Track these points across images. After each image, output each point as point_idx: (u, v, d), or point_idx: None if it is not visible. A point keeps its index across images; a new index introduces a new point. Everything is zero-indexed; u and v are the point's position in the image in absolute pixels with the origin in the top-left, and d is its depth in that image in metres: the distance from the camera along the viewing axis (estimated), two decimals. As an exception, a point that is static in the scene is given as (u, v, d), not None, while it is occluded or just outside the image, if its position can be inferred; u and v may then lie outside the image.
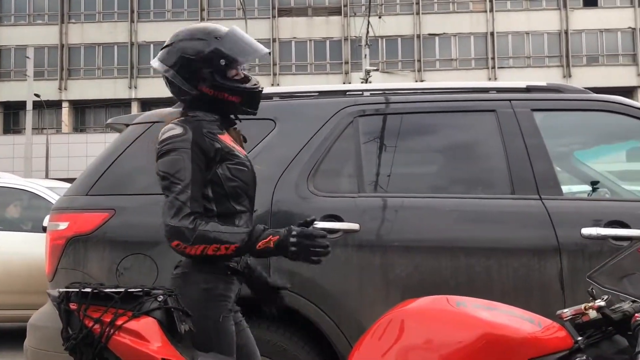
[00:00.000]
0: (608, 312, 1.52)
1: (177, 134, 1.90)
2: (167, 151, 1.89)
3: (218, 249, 1.79)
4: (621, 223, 2.50)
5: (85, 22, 32.29)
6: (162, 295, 1.77)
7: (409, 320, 1.61)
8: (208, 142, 1.91)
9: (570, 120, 2.98)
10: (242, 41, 2.01)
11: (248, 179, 1.99)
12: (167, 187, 1.86)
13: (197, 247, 1.79)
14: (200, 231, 1.80)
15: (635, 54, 30.46)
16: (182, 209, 1.82)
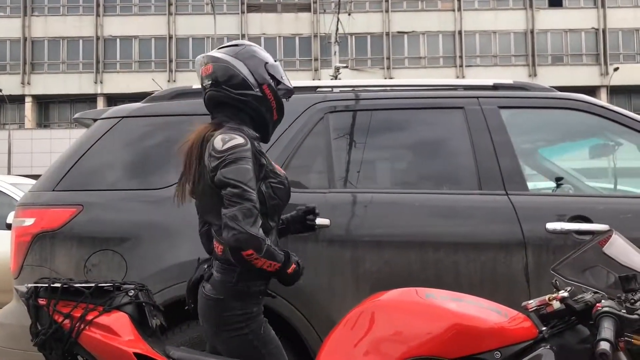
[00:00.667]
0: (571, 303, 1.57)
1: (241, 143, 1.93)
2: (235, 159, 1.90)
3: (270, 266, 1.88)
4: (584, 218, 2.58)
5: (49, 15, 31.60)
6: (133, 290, 1.76)
7: (379, 313, 1.64)
8: (258, 155, 1.97)
9: (536, 117, 3.04)
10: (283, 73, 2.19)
11: (285, 197, 2.06)
12: (239, 195, 1.85)
13: (264, 260, 1.86)
14: (269, 245, 1.87)
15: (599, 54, 31.16)
16: (258, 219, 1.86)
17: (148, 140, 2.86)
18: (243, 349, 1.92)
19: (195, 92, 3.00)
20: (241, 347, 1.92)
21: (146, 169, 2.79)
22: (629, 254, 1.67)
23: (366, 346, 1.59)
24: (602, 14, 31.09)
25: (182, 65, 31.34)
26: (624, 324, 1.48)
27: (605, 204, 2.74)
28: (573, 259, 1.72)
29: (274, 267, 1.88)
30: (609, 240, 1.69)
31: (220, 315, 1.94)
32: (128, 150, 2.84)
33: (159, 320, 1.84)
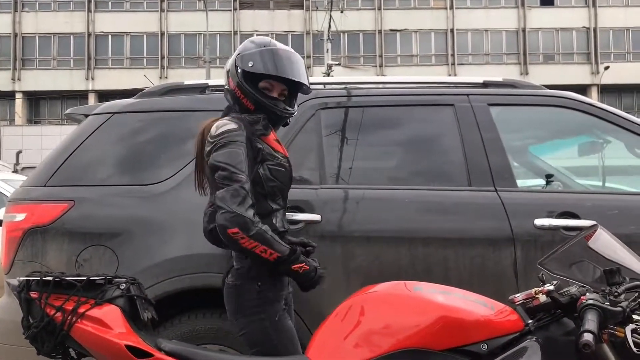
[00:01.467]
0: (556, 296, 1.59)
1: (233, 128, 1.99)
2: (226, 143, 1.96)
3: (265, 252, 1.89)
4: (572, 214, 2.61)
5: (39, 10, 31.40)
6: (124, 283, 1.77)
7: (368, 305, 1.66)
8: (255, 141, 2.02)
9: (525, 115, 3.07)
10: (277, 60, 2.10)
11: (285, 179, 2.09)
12: (227, 177, 1.91)
13: (252, 242, 1.87)
14: (259, 229, 1.88)
15: (589, 53, 31.32)
16: (246, 199, 1.89)
17: (140, 136, 2.87)
18: (258, 336, 1.97)
19: (187, 87, 3.01)
20: (257, 334, 1.97)
21: (138, 164, 2.80)
22: (614, 248, 1.70)
23: (356, 338, 1.61)
24: (593, 13, 31.25)
25: (174, 61, 31.24)
26: (607, 316, 1.51)
27: (593, 200, 2.77)
28: (559, 254, 1.75)
29: (270, 255, 1.89)
30: (594, 235, 1.71)
31: (237, 300, 2.01)
32: (120, 146, 2.84)
33: (151, 313, 1.85)
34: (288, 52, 2.15)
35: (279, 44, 2.18)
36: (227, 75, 2.17)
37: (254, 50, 2.11)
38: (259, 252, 1.88)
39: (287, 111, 2.14)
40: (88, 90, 30.68)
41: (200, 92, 2.99)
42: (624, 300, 1.55)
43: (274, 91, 2.13)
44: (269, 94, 2.12)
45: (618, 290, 1.56)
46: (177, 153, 2.76)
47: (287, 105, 2.15)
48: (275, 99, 2.12)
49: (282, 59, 2.10)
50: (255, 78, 2.10)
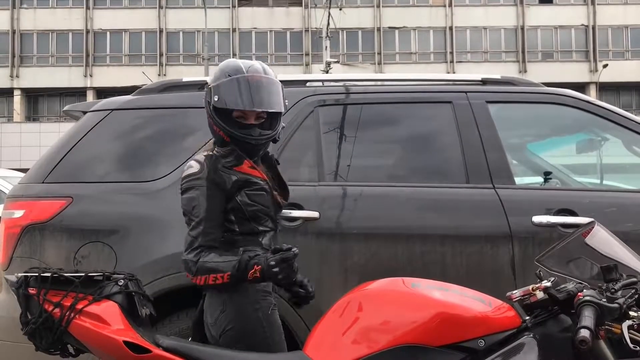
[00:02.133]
0: (553, 292, 1.60)
1: (193, 172, 2.03)
2: (185, 189, 2.03)
3: (216, 279, 1.90)
4: (570, 211, 2.62)
5: (38, 7, 31.33)
6: (123, 280, 1.78)
7: (366, 301, 1.66)
8: (224, 176, 2.02)
9: (523, 112, 3.08)
10: (242, 90, 2.03)
11: (267, 202, 2.08)
12: (187, 223, 2.01)
13: (200, 278, 1.92)
14: (200, 263, 1.92)
15: (588, 51, 31.32)
16: (192, 243, 1.96)
17: (138, 132, 2.87)
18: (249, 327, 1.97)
19: (185, 84, 3.01)
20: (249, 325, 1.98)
21: (136, 161, 2.80)
22: (611, 244, 1.71)
23: (353, 334, 1.61)
24: (591, 10, 31.24)
25: (173, 59, 31.20)
26: (604, 313, 1.51)
27: (591, 197, 2.78)
28: (557, 251, 1.76)
29: (222, 278, 1.90)
30: (591, 232, 1.72)
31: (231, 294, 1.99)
32: (118, 143, 2.84)
33: (149, 309, 1.85)
34: (256, 78, 2.05)
35: (251, 68, 2.08)
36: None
37: (221, 81, 2.05)
38: (212, 282, 1.91)
39: (261, 138, 2.06)
40: (86, 88, 30.64)
41: (199, 89, 2.99)
42: (621, 296, 1.56)
43: (249, 118, 2.05)
44: (245, 121, 2.05)
45: (615, 287, 1.57)
46: (175, 150, 2.76)
47: (264, 130, 2.07)
48: (250, 126, 2.05)
49: (248, 87, 2.03)
50: (226, 110, 2.04)
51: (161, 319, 2.55)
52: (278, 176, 2.21)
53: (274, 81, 2.10)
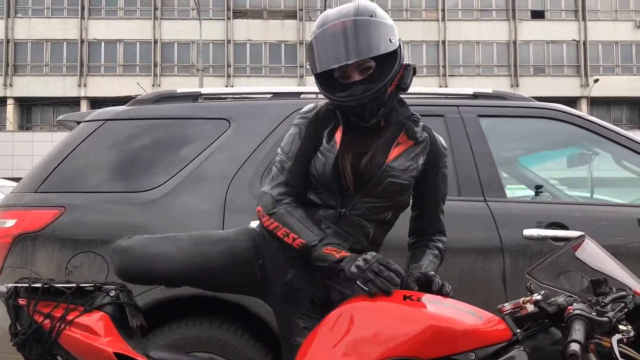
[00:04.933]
0: (544, 306, 1.61)
1: (304, 110, 1.93)
2: (292, 125, 1.93)
3: (286, 235, 1.76)
4: (560, 225, 2.64)
5: (33, 17, 31.34)
6: (114, 291, 1.77)
7: (358, 314, 1.66)
8: (320, 132, 1.87)
9: (515, 126, 3.10)
10: (320, 49, 1.76)
11: (321, 171, 1.82)
12: (275, 159, 1.91)
13: (272, 221, 1.79)
14: (282, 209, 1.79)
15: (579, 66, 31.60)
16: (276, 177, 1.85)
17: (132, 143, 2.87)
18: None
19: (180, 95, 3.02)
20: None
21: (129, 171, 2.80)
22: (600, 258, 1.72)
23: (345, 347, 1.61)
24: (582, 26, 31.56)
25: (167, 69, 31.24)
26: (594, 326, 1.52)
27: (581, 211, 2.80)
28: (547, 264, 1.76)
29: (292, 240, 1.74)
30: (581, 246, 1.73)
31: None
32: (111, 153, 2.84)
33: (140, 320, 1.85)
34: (334, 28, 1.71)
35: (325, 19, 1.77)
36: None
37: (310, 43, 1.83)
38: (281, 236, 1.77)
39: (365, 95, 1.72)
40: (80, 97, 30.61)
41: (193, 100, 3.00)
42: (611, 310, 1.57)
43: (350, 76, 1.76)
44: (345, 81, 1.76)
45: (605, 300, 1.58)
46: (169, 160, 2.76)
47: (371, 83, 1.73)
48: (352, 85, 1.74)
49: (324, 44, 1.73)
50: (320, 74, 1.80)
51: (153, 329, 2.55)
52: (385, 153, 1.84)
53: (363, 22, 1.72)
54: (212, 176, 2.70)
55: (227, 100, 3.11)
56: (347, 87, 1.75)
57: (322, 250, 1.73)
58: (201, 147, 2.76)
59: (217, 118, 2.84)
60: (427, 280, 1.80)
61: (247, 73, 31.14)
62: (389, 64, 1.76)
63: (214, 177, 2.70)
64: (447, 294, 1.78)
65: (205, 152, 2.74)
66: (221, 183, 2.67)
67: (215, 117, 2.85)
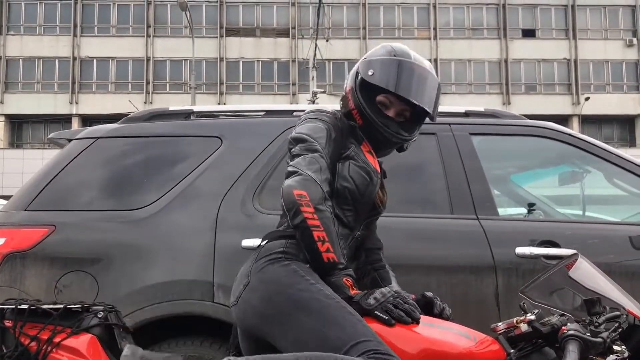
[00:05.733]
0: (537, 326, 1.60)
1: (327, 111, 1.84)
2: (313, 119, 1.79)
3: (321, 241, 1.59)
4: (552, 243, 2.64)
5: (24, 34, 31.37)
6: (102, 312, 1.74)
7: None
8: (344, 139, 1.78)
9: (506, 144, 3.12)
10: (407, 76, 1.79)
11: (364, 188, 1.77)
12: (306, 147, 1.70)
13: (315, 217, 1.58)
14: (329, 212, 1.62)
15: (570, 84, 31.89)
16: (324, 170, 1.67)
17: (123, 161, 2.86)
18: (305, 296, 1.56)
19: (172, 113, 3.02)
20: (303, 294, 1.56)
21: (121, 189, 2.79)
22: (594, 277, 1.72)
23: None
24: (573, 45, 31.91)
25: (159, 87, 31.28)
26: (588, 347, 1.52)
27: (573, 229, 2.80)
28: (540, 282, 1.76)
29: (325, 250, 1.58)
30: (574, 265, 1.73)
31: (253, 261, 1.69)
32: (103, 171, 2.83)
33: (129, 341, 1.82)
34: (422, 69, 1.81)
35: (418, 59, 1.85)
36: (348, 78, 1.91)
37: (383, 57, 1.82)
38: (315, 238, 1.58)
39: (399, 135, 1.83)
40: (72, 115, 30.55)
41: (185, 117, 3.00)
42: (604, 330, 1.56)
43: (391, 109, 1.82)
44: (385, 111, 1.82)
45: (599, 320, 1.57)
46: (160, 179, 2.75)
47: (403, 129, 1.83)
48: (389, 118, 1.81)
49: (412, 75, 1.79)
50: (374, 90, 1.79)
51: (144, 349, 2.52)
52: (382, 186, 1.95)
53: (438, 84, 1.87)
54: (204, 194, 2.69)
55: (220, 117, 3.11)
56: (383, 116, 1.83)
57: (343, 279, 1.63)
58: (193, 165, 2.75)
59: (209, 136, 2.84)
60: (426, 302, 1.80)
61: (240, 91, 31.22)
62: (418, 124, 1.95)
63: (206, 195, 2.69)
64: (447, 317, 1.78)
65: (197, 169, 2.74)
66: (213, 201, 2.66)
67: (208, 135, 2.85)
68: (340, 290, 1.61)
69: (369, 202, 1.81)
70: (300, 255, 1.66)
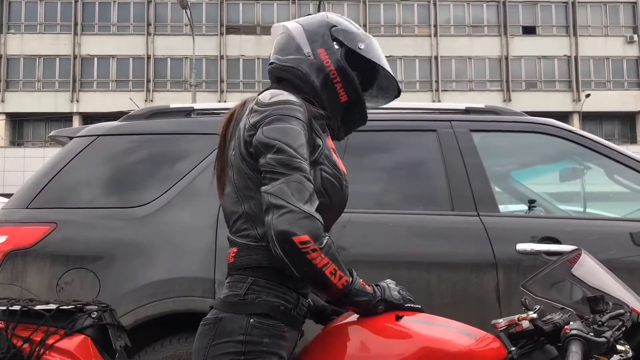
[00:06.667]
0: (540, 324, 1.56)
1: (294, 100, 1.47)
2: (283, 117, 1.42)
3: (334, 274, 1.39)
4: (553, 239, 2.64)
5: (25, 32, 31.37)
6: (96, 312, 1.69)
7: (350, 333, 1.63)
8: (311, 133, 1.48)
9: (507, 141, 3.12)
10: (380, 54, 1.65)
11: (338, 199, 1.54)
12: (284, 163, 1.37)
13: (322, 256, 1.35)
14: (329, 239, 1.39)
15: (571, 81, 31.86)
16: (314, 195, 1.38)
17: (124, 158, 2.86)
18: None
19: (173, 111, 3.02)
20: None
21: (122, 187, 2.79)
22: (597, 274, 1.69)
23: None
24: (574, 42, 31.87)
25: (160, 85, 31.27)
26: (592, 347, 1.47)
27: (574, 225, 2.81)
28: (542, 276, 1.74)
29: (339, 279, 1.39)
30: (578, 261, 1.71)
31: (209, 343, 1.41)
32: (104, 169, 2.84)
33: (124, 341, 1.77)
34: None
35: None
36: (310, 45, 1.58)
37: (357, 30, 1.61)
38: (329, 275, 1.38)
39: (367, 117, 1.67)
40: (72, 113, 30.56)
41: (186, 115, 3.00)
42: (608, 328, 1.52)
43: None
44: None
45: (602, 319, 1.53)
46: (161, 176, 2.75)
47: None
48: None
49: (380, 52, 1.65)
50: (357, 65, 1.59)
51: (145, 347, 2.52)
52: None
53: None
54: (205, 192, 2.69)
55: (220, 115, 3.10)
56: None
57: (360, 282, 1.48)
58: (194, 163, 2.76)
59: (210, 133, 2.84)
60: None
61: (240, 88, 31.21)
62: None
63: (207, 193, 2.68)
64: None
65: (198, 167, 2.74)
66: (214, 198, 2.64)
67: (208, 133, 2.85)
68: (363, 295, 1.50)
69: (340, 211, 1.60)
70: (265, 340, 1.40)
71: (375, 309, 1.52)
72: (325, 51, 1.57)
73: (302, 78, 1.56)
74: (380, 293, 1.54)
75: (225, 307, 1.44)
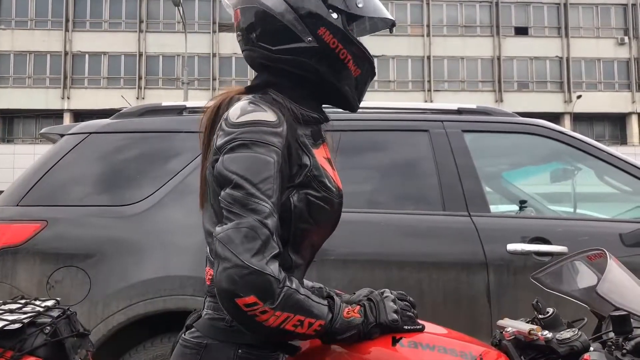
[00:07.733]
0: (555, 346, 1.36)
1: (268, 120, 1.23)
2: (250, 143, 1.20)
3: (300, 325, 1.18)
4: (543, 239, 2.66)
5: (16, 28, 31.15)
6: (49, 326, 1.43)
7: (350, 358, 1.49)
8: (296, 150, 1.27)
9: (498, 141, 3.13)
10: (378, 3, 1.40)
11: (328, 224, 1.35)
12: (240, 202, 1.17)
13: (278, 315, 1.15)
14: (287, 289, 1.16)
15: (562, 82, 32.01)
16: (268, 243, 1.15)
17: (116, 156, 2.86)
18: None
19: (165, 109, 3.01)
20: None
21: (113, 185, 2.78)
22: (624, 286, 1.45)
23: None
24: (565, 43, 32.03)
25: (152, 82, 31.15)
26: None
27: (564, 226, 2.82)
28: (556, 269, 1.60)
29: (308, 327, 1.18)
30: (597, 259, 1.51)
31: None
32: (95, 166, 2.83)
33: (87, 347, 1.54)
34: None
35: None
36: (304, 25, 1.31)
37: None
38: (292, 328, 1.17)
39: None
40: (63, 110, 30.39)
41: (178, 113, 2.99)
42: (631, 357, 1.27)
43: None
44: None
45: (627, 346, 1.29)
46: (153, 174, 2.75)
47: None
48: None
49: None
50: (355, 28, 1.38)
51: (135, 345, 2.52)
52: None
53: None
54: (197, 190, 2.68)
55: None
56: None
57: (343, 315, 1.25)
58: (186, 161, 2.75)
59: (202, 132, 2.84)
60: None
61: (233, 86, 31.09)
62: None
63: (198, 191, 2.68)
64: None
65: (190, 165, 2.73)
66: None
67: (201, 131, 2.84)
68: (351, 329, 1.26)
69: (331, 230, 1.40)
70: None
71: (369, 336, 1.28)
72: (326, 30, 1.31)
73: (304, 69, 1.33)
74: (373, 317, 1.28)
75: (212, 333, 1.27)
